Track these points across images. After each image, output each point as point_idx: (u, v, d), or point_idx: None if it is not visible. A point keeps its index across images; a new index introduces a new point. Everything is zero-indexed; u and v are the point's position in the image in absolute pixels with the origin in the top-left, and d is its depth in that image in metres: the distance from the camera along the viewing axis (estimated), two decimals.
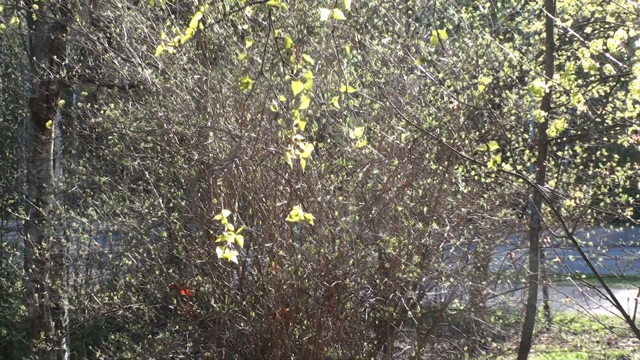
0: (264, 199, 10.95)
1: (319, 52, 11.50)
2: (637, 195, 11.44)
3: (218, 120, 11.02)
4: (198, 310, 10.82)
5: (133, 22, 11.69)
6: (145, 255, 11.44)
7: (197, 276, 10.82)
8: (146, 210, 11.45)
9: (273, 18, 8.34)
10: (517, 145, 13.66)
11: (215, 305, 10.61)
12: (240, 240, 5.64)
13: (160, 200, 11.29)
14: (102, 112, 11.66)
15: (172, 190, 11.55)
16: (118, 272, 12.45)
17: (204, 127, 11.09)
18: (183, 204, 11.34)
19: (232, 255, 5.60)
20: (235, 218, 10.81)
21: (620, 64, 9.61)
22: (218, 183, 10.81)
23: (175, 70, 11.33)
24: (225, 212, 5.70)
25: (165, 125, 11.31)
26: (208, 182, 11.14)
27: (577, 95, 9.00)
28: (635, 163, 11.94)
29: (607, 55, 8.74)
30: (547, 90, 8.54)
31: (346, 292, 10.69)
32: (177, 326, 11.08)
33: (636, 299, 9.50)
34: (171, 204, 11.57)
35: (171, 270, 11.06)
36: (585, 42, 10.35)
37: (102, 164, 13.52)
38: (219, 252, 5.60)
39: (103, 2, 11.86)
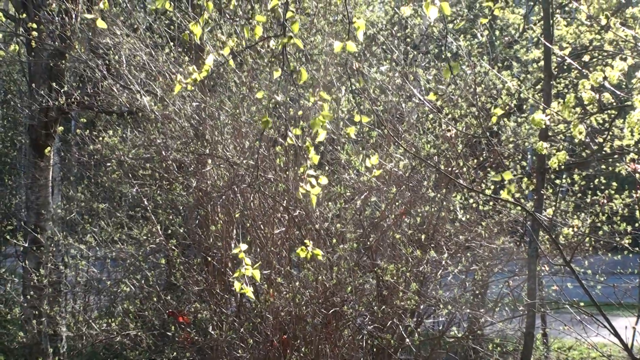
0: (262, 226, 10.94)
1: (318, 79, 11.52)
2: (636, 224, 11.43)
3: (216, 147, 11.05)
4: (196, 337, 10.80)
5: (132, 49, 11.73)
6: (143, 282, 11.44)
7: (195, 303, 10.81)
8: (144, 237, 11.48)
9: (272, 47, 8.41)
10: (515, 173, 13.67)
11: (213, 332, 10.60)
12: (257, 274, 5.68)
13: (159, 227, 11.30)
14: (100, 139, 11.69)
15: (170, 217, 11.55)
16: (116, 299, 12.47)
17: (202, 155, 11.12)
18: (181, 231, 11.34)
19: (249, 291, 5.64)
20: (233, 245, 10.81)
21: (619, 93, 9.63)
22: (216, 210, 10.83)
23: (173, 98, 11.36)
24: (243, 246, 5.72)
25: (163, 152, 11.34)
26: (206, 210, 11.15)
27: (578, 126, 9.02)
28: (633, 191, 11.93)
29: (607, 84, 8.76)
30: (547, 123, 8.56)
31: (344, 320, 10.68)
32: (174, 353, 11.07)
33: (634, 327, 9.48)
34: (169, 231, 11.58)
35: (169, 297, 11.05)
36: (584, 70, 10.39)
37: (100, 191, 13.55)
38: (236, 285, 5.64)
39: (102, 30, 11.89)
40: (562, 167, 10.78)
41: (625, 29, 11.87)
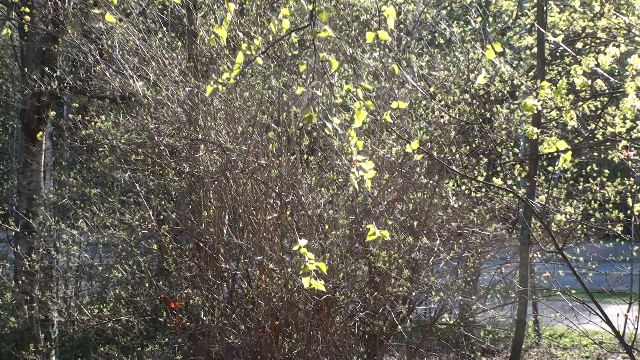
0: (254, 212, 10.92)
1: (311, 65, 11.50)
2: (628, 211, 11.44)
3: (209, 132, 11.02)
4: (187, 323, 10.80)
5: (125, 34, 11.70)
6: (135, 267, 11.42)
7: (186, 289, 10.80)
8: (136, 223, 11.45)
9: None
10: (507, 159, 13.69)
11: (204, 318, 10.59)
12: (324, 268, 5.66)
13: (151, 213, 11.28)
14: (93, 124, 11.65)
15: (163, 202, 11.53)
16: (108, 285, 12.45)
17: (194, 140, 11.09)
18: (173, 216, 11.31)
19: (320, 285, 5.62)
20: (225, 231, 10.81)
21: (612, 79, 9.64)
22: (209, 196, 10.81)
23: (166, 83, 11.33)
24: (302, 242, 5.69)
25: (156, 137, 11.30)
26: (199, 195, 11.13)
27: (570, 112, 9.03)
28: (625, 178, 11.94)
29: (599, 71, 8.77)
30: (539, 108, 8.56)
31: (336, 306, 10.67)
32: (166, 339, 11.08)
33: (625, 315, 9.49)
34: (161, 217, 11.55)
35: (161, 283, 11.03)
36: (577, 57, 10.39)
37: (92, 176, 13.50)
38: (305, 282, 5.61)
39: (95, 14, 11.86)
40: (554, 153, 10.80)
41: (619, 16, 11.88)
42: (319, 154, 11.52)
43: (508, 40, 14.49)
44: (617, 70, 12.50)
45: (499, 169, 12.31)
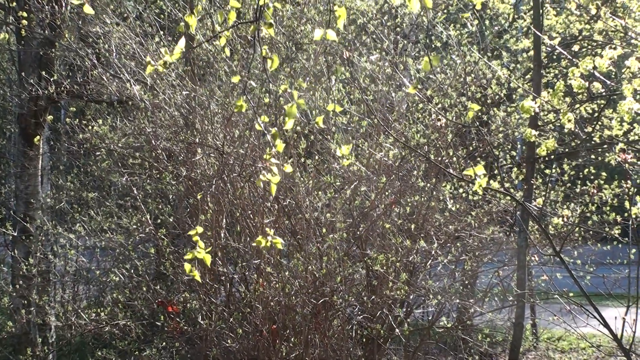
0: (251, 215, 10.93)
1: (307, 68, 11.51)
2: (625, 214, 11.44)
3: (206, 136, 11.02)
4: (185, 327, 10.78)
5: (122, 38, 11.71)
6: (132, 271, 11.41)
7: (184, 293, 10.79)
8: (134, 227, 11.45)
9: (262, 34, 8.37)
10: (505, 162, 13.69)
11: (202, 322, 10.58)
12: (209, 258, 5.72)
13: (148, 217, 11.28)
14: (90, 127, 11.66)
15: (160, 206, 11.53)
16: (105, 289, 12.43)
17: (192, 144, 11.10)
18: (171, 220, 11.32)
19: (197, 273, 5.68)
20: (223, 235, 10.81)
21: (609, 82, 9.64)
22: (206, 199, 10.81)
23: (163, 87, 11.34)
24: (199, 229, 5.75)
25: (153, 141, 11.31)
26: (196, 199, 11.13)
27: (567, 114, 9.03)
28: (622, 181, 11.95)
29: (596, 74, 8.77)
30: (537, 110, 8.56)
31: (333, 310, 10.67)
32: (164, 343, 11.06)
33: (623, 318, 9.50)
34: (159, 221, 11.55)
35: (158, 287, 11.03)
36: (574, 60, 10.40)
37: (89, 180, 13.51)
38: (186, 267, 5.70)
39: (92, 18, 11.87)
40: (552, 156, 10.81)
41: (615, 19, 11.89)
42: (317, 157, 11.53)
43: (505, 43, 14.49)
44: (613, 73, 12.49)
45: (496, 171, 12.31)
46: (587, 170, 13.09)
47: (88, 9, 6.34)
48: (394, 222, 11.16)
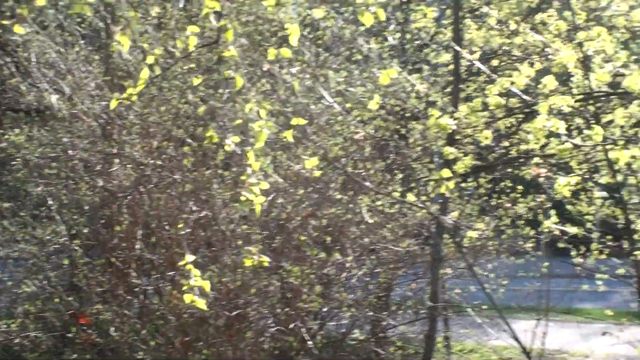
0: (167, 227, 10.91)
1: (227, 80, 11.51)
2: (538, 228, 11.58)
3: (124, 147, 10.99)
4: (97, 339, 10.75)
5: (41, 46, 11.65)
6: (45, 282, 11.34)
7: (97, 304, 10.75)
8: (48, 237, 11.38)
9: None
10: (422, 175, 13.75)
11: (114, 333, 10.56)
12: (207, 286, 5.71)
13: (63, 227, 11.22)
14: (6, 137, 11.59)
15: (75, 217, 11.47)
16: (17, 300, 12.33)
17: (109, 154, 11.06)
18: (85, 231, 11.27)
19: (202, 303, 5.67)
20: (137, 246, 10.79)
21: (527, 98, 9.76)
22: (121, 210, 10.79)
23: (82, 96, 11.29)
24: (190, 257, 5.75)
25: (70, 151, 11.26)
26: (111, 210, 11.10)
27: (484, 132, 9.15)
28: (537, 195, 12.09)
29: (514, 89, 8.89)
30: (454, 127, 8.66)
31: (247, 322, 10.69)
32: (75, 355, 11.01)
33: (534, 331, 9.65)
34: (73, 231, 11.49)
35: (71, 298, 10.98)
36: (491, 75, 10.52)
37: (4, 190, 13.39)
38: (186, 299, 5.65)
39: (11, 26, 11.78)
40: (468, 170, 10.91)
41: (534, 34, 12.04)
42: (234, 169, 11.53)
43: (425, 57, 14.55)
44: (532, 87, 12.64)
45: (413, 185, 12.37)
46: (503, 184, 13.18)
47: (18, 29, 6.32)
48: (310, 234, 11.20)
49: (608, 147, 8.86)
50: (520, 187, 12.71)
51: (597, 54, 9.50)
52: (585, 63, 9.52)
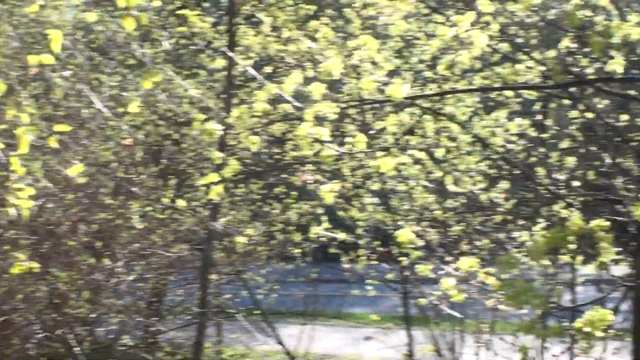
0: None
1: None
2: (308, 233, 11.77)
3: None
4: None
5: None
6: None
7: None
8: None
9: None
10: (195, 181, 13.75)
11: None
12: None
13: None
14: None
15: None
16: None
17: None
18: None
19: None
20: None
21: (298, 104, 9.91)
22: None
23: None
24: None
25: None
26: None
27: (249, 138, 9.25)
28: (307, 201, 12.29)
29: (285, 95, 9.02)
30: (222, 132, 8.73)
31: (13, 328, 10.50)
32: None
33: (298, 334, 9.85)
34: None
35: None
36: (264, 81, 10.65)
37: None
38: None
39: None
40: (240, 175, 11.02)
41: (306, 41, 12.25)
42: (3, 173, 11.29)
43: (201, 62, 14.57)
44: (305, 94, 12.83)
45: (186, 190, 12.38)
46: (278, 189, 13.33)
47: None
48: (79, 239, 11.09)
49: (379, 154, 9.10)
50: (294, 193, 12.86)
51: (365, 62, 9.76)
52: (357, 71, 9.76)
